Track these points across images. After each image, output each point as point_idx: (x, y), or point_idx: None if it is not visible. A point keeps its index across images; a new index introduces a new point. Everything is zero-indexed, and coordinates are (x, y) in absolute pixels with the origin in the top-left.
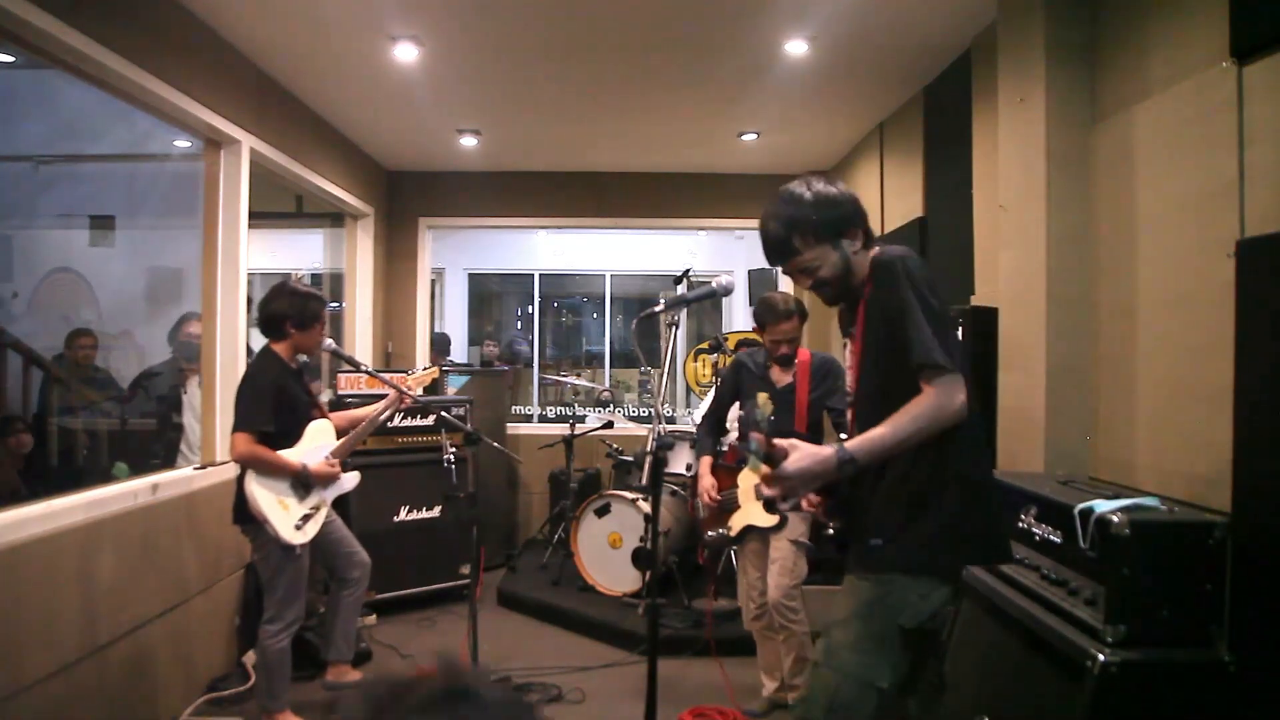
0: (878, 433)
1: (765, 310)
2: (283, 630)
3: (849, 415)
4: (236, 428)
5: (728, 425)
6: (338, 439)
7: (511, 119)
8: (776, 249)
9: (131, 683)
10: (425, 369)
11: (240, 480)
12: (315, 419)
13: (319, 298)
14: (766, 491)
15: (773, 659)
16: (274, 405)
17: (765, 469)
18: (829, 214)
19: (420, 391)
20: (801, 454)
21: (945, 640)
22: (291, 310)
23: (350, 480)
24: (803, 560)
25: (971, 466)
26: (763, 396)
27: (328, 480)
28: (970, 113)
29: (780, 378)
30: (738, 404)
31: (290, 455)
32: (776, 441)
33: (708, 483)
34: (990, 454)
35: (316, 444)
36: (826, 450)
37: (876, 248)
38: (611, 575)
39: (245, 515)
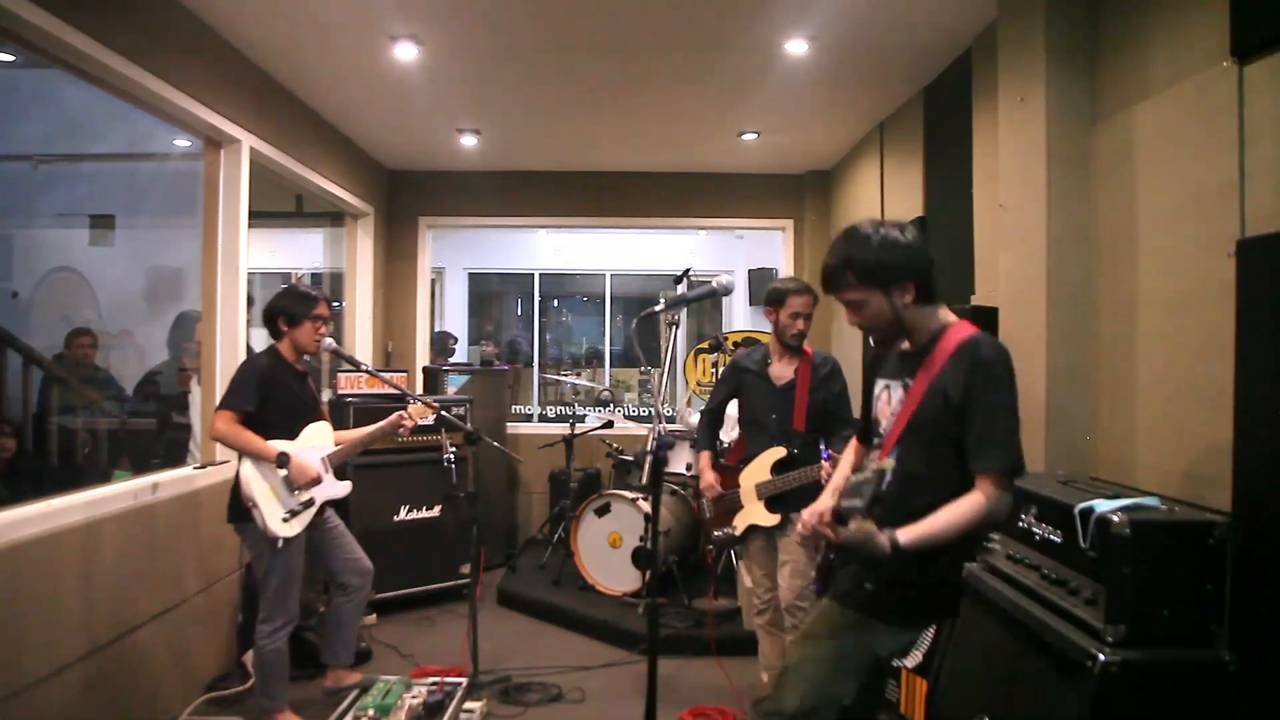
0: (929, 532)
1: (778, 288)
2: (276, 630)
3: (875, 454)
4: (219, 406)
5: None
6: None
7: (511, 119)
8: (828, 277)
9: (131, 682)
10: (424, 401)
11: (236, 477)
12: (317, 422)
13: (312, 296)
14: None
15: (774, 657)
16: (259, 390)
17: (866, 527)
18: (882, 260)
19: (417, 422)
20: (861, 535)
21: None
22: (283, 307)
23: (342, 488)
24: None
25: (970, 542)
26: (889, 462)
27: (304, 479)
28: (970, 112)
29: (781, 374)
30: (737, 401)
31: (280, 445)
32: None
33: (709, 478)
34: None
35: (311, 444)
36: (882, 540)
37: (945, 310)
38: (611, 575)
39: (239, 513)
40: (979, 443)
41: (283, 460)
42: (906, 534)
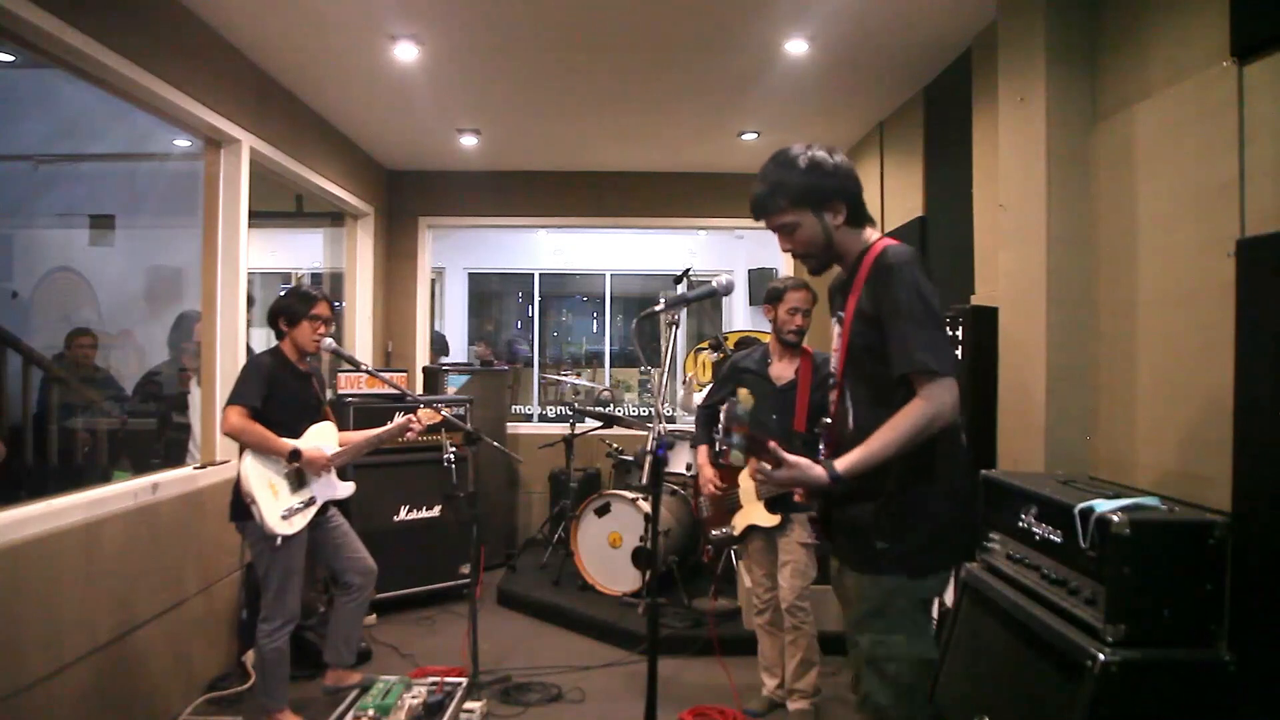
0: (868, 452)
1: (776, 285)
2: (276, 630)
3: (832, 396)
4: (229, 402)
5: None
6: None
7: (511, 119)
8: (758, 203)
9: (131, 682)
10: (429, 404)
11: (238, 475)
12: (320, 422)
13: (311, 296)
14: (754, 477)
15: (774, 656)
16: (265, 387)
17: (751, 462)
18: (813, 181)
19: (425, 426)
20: (795, 471)
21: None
22: (284, 307)
23: (345, 489)
24: (814, 562)
25: (956, 469)
26: (743, 392)
27: (316, 468)
28: (970, 113)
29: (782, 374)
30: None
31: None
32: (778, 451)
33: (709, 472)
34: (990, 454)
35: (316, 443)
36: (819, 470)
37: (871, 231)
38: (611, 575)
39: (241, 511)
40: (895, 349)
41: (294, 456)
42: (844, 461)
